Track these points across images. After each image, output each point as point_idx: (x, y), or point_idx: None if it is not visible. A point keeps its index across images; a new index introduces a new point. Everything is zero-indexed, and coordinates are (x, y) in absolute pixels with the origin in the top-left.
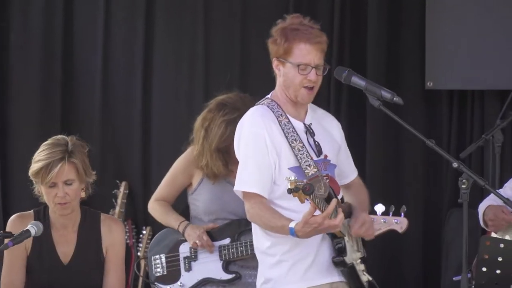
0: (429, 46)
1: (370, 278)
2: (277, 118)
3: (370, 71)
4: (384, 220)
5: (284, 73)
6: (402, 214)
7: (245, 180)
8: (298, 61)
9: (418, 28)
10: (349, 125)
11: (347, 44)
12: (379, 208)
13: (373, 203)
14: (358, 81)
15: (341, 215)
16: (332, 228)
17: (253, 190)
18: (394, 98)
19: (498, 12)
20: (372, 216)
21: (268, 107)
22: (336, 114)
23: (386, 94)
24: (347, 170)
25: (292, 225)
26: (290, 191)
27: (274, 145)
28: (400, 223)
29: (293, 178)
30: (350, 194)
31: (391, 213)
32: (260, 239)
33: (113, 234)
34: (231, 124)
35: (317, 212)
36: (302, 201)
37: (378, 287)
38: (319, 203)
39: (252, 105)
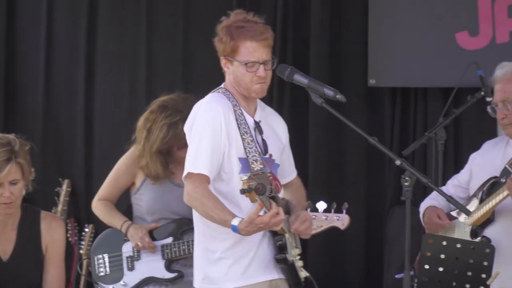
0: (372, 44)
1: (308, 274)
2: (233, 108)
3: (313, 69)
4: (326, 217)
5: (233, 71)
6: (344, 211)
7: (196, 162)
8: (245, 59)
9: (360, 25)
10: (292, 123)
11: (290, 42)
12: (321, 205)
13: (316, 201)
14: (300, 78)
15: (282, 211)
16: (277, 225)
17: (203, 172)
18: (337, 96)
19: (440, 9)
20: (313, 213)
21: (224, 95)
22: (279, 112)
23: (329, 91)
24: (287, 170)
25: (235, 222)
26: (243, 191)
27: (228, 132)
28: (342, 220)
29: (245, 177)
30: (288, 193)
31: (333, 210)
32: (202, 234)
33: (53, 232)
34: (173, 127)
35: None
36: (253, 201)
37: (315, 283)
38: (265, 202)
39: None
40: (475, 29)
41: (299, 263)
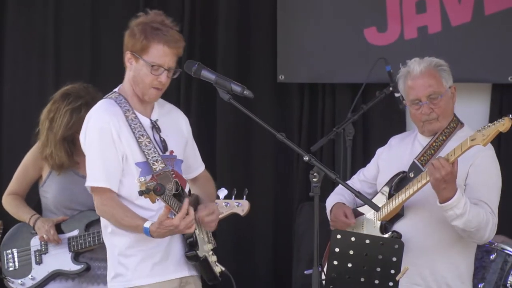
0: (281, 40)
1: (223, 269)
2: (124, 114)
3: (221, 65)
4: (226, 204)
5: (135, 69)
6: (244, 197)
7: (93, 175)
8: (153, 61)
9: (269, 21)
10: (200, 119)
11: (197, 38)
12: (222, 192)
13: (218, 189)
14: (208, 74)
15: (192, 211)
16: (189, 227)
17: (101, 185)
18: (244, 92)
19: (349, 5)
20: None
21: (116, 101)
22: (186, 108)
23: (236, 87)
24: (194, 164)
25: (147, 225)
26: (141, 193)
27: (120, 140)
28: (242, 206)
29: (143, 179)
30: (197, 187)
31: (233, 197)
32: (110, 231)
33: None
34: (76, 112)
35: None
36: (153, 201)
37: (232, 278)
38: (170, 201)
39: (96, 94)
40: (383, 25)
41: (212, 258)
